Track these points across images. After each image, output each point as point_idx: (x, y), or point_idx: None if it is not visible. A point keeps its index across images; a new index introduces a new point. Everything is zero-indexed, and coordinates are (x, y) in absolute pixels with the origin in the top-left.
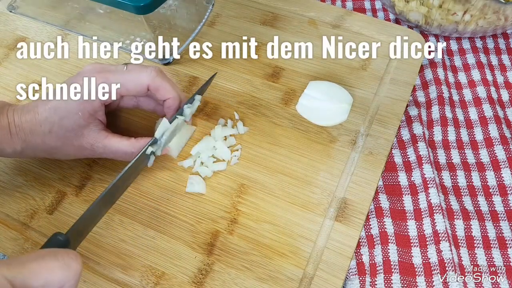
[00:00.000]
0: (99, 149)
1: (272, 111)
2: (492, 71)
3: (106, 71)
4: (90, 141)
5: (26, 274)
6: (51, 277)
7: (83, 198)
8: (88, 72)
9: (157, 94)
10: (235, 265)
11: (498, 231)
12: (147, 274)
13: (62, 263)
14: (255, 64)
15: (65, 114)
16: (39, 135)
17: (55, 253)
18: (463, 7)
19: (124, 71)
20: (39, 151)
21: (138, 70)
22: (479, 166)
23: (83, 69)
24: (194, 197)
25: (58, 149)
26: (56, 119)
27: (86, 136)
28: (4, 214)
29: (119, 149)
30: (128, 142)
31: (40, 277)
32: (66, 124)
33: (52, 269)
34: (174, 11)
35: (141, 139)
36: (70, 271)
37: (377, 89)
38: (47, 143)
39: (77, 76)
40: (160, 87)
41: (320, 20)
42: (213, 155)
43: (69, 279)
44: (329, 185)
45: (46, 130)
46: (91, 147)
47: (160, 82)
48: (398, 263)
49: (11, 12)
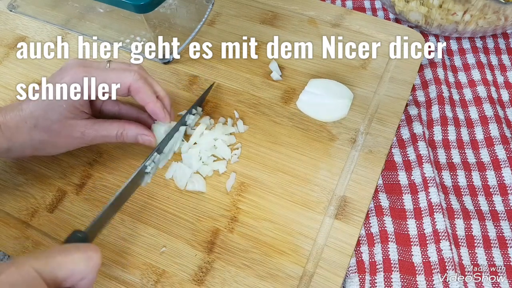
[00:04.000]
0: (90, 135)
1: (272, 110)
2: (492, 71)
3: (88, 67)
4: (80, 129)
5: (53, 266)
6: (75, 269)
7: (83, 197)
8: (70, 67)
9: (136, 97)
10: (235, 263)
11: (499, 230)
12: (148, 272)
13: (85, 256)
14: (255, 63)
15: (49, 107)
16: (25, 130)
17: (78, 247)
18: (463, 7)
19: (107, 69)
20: (27, 147)
21: (122, 69)
22: (479, 166)
23: (66, 64)
24: (195, 196)
25: (46, 142)
26: (41, 113)
27: (74, 125)
28: (4, 213)
29: (109, 132)
30: (118, 124)
31: (66, 268)
32: (51, 117)
33: (76, 261)
34: (174, 10)
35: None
36: (92, 263)
37: (377, 88)
38: (34, 137)
39: (60, 72)
40: (141, 90)
41: (320, 19)
42: (213, 154)
43: (91, 270)
44: (329, 183)
45: (32, 124)
46: (81, 134)
47: (142, 85)
48: (398, 261)
49: (11, 11)
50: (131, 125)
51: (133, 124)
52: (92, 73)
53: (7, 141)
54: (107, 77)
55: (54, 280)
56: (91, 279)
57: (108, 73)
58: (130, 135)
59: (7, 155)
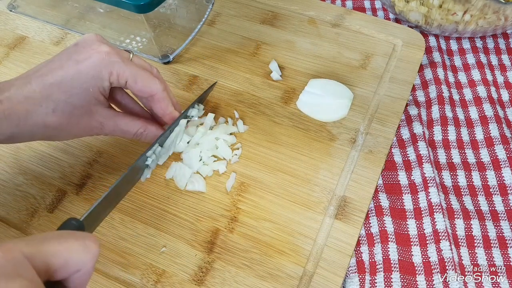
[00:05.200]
0: (109, 127)
1: (272, 110)
2: (492, 71)
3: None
4: (100, 119)
5: (45, 253)
6: (70, 258)
7: (83, 197)
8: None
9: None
10: (235, 263)
11: (499, 230)
12: (148, 272)
13: (82, 245)
14: (254, 63)
15: (73, 91)
16: (39, 115)
17: (74, 234)
18: (463, 7)
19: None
20: (37, 133)
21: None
22: (479, 166)
23: (86, 39)
24: (195, 196)
25: (61, 129)
26: (62, 97)
27: (95, 113)
28: (4, 213)
29: (129, 129)
30: (140, 122)
31: (60, 256)
32: (75, 101)
33: (72, 249)
34: (174, 10)
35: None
36: (89, 253)
37: (377, 88)
38: (49, 123)
39: (81, 49)
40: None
41: (320, 19)
42: (214, 154)
43: (88, 261)
44: (329, 183)
45: (50, 109)
46: (100, 125)
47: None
48: (398, 261)
49: (11, 11)
50: (153, 126)
51: (155, 125)
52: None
53: (13, 127)
54: (137, 74)
55: (45, 269)
56: (87, 272)
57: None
58: (150, 136)
59: (8, 142)
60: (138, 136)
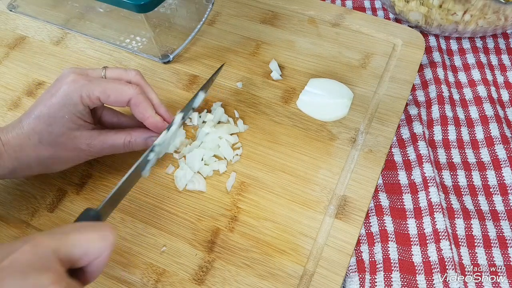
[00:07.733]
0: (97, 146)
1: (272, 109)
2: (492, 71)
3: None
4: (86, 141)
5: (68, 244)
6: (90, 247)
7: (83, 196)
8: (66, 76)
9: (135, 111)
10: (236, 263)
11: (499, 230)
12: (148, 272)
13: (100, 234)
14: (254, 63)
15: (51, 120)
16: (30, 148)
17: (93, 225)
18: (463, 7)
19: (105, 79)
20: (34, 165)
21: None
22: (479, 166)
23: (62, 74)
24: (195, 195)
25: (53, 157)
26: (44, 127)
27: (79, 137)
28: (5, 212)
29: (116, 142)
30: (124, 132)
31: (81, 247)
32: (55, 130)
33: (92, 240)
34: (174, 10)
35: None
36: (107, 242)
37: (377, 87)
38: (40, 154)
39: (57, 83)
40: (140, 105)
41: (319, 18)
42: (215, 154)
43: (106, 249)
44: (329, 182)
45: (36, 140)
46: (87, 146)
47: (142, 100)
48: (398, 261)
49: (11, 11)
50: (137, 131)
51: (139, 129)
52: (91, 82)
53: (13, 160)
54: (106, 88)
55: (68, 259)
56: (105, 258)
57: (107, 84)
58: (139, 141)
59: (13, 176)
60: (127, 146)
